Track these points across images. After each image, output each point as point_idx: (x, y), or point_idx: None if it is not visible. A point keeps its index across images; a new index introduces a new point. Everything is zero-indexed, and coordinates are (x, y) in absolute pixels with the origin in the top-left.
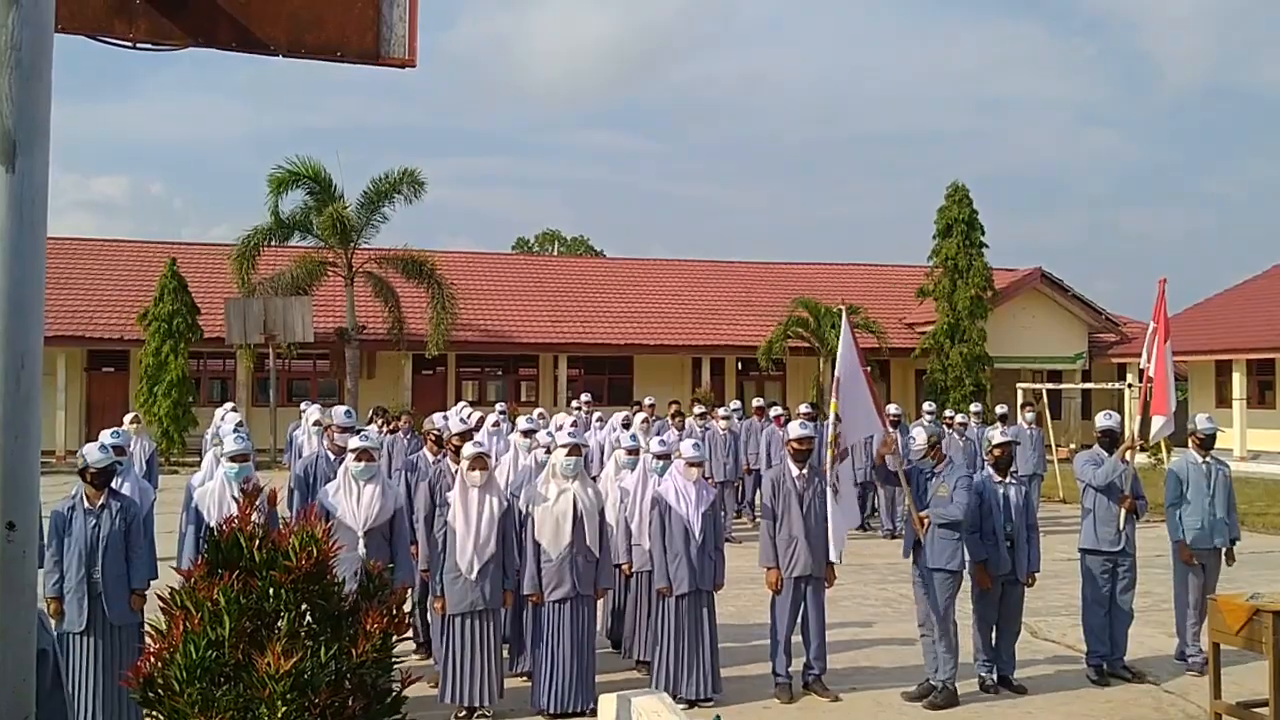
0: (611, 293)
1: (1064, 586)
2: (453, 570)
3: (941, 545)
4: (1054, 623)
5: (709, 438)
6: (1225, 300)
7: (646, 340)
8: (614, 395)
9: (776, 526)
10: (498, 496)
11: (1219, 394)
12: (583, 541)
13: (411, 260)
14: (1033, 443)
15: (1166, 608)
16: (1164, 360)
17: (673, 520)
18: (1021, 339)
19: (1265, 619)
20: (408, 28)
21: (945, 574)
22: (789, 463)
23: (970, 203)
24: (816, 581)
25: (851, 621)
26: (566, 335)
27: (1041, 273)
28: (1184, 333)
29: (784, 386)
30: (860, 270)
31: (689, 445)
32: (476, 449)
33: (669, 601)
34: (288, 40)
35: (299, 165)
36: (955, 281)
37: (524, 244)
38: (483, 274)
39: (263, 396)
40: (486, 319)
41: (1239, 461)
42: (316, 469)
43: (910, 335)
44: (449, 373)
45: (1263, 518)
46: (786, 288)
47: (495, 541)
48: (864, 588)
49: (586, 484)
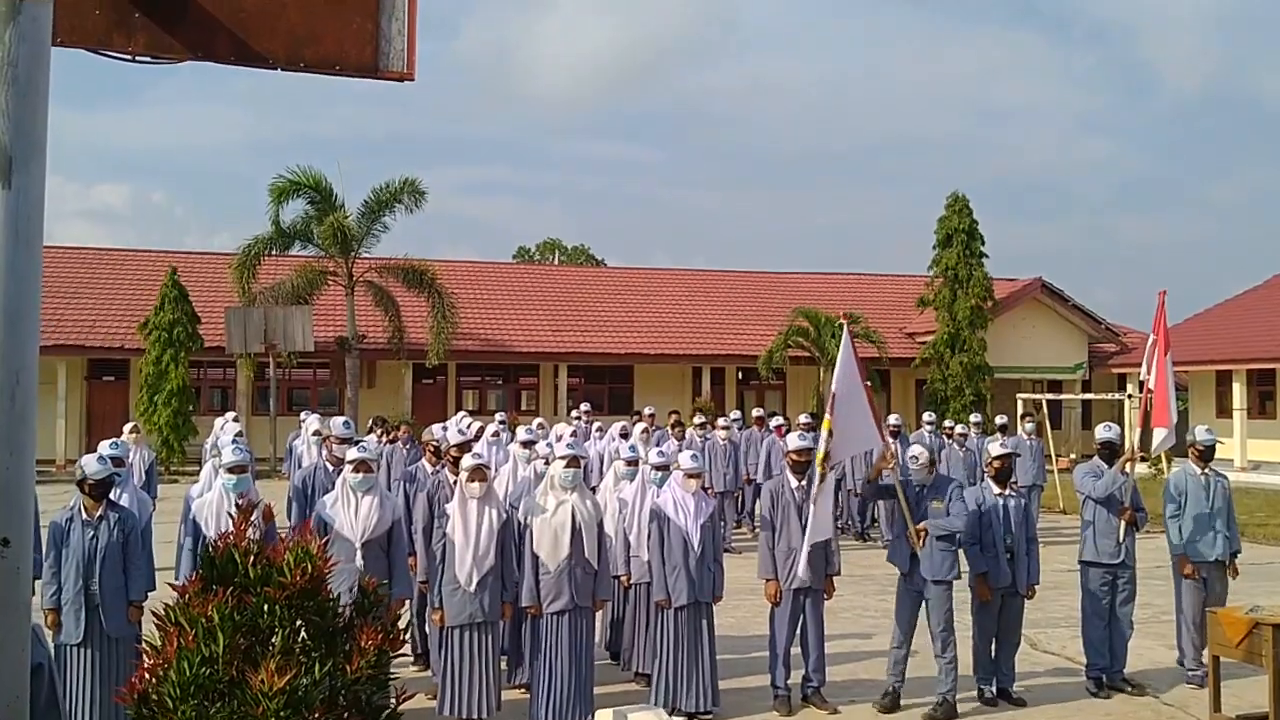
0: (612, 302)
1: (1064, 598)
2: (451, 582)
3: (940, 557)
4: (1054, 634)
5: (709, 448)
6: (1225, 310)
7: (647, 349)
8: (614, 405)
9: (775, 538)
10: (497, 508)
11: (1219, 404)
12: (581, 553)
13: (412, 270)
14: (1032, 453)
15: (1167, 619)
16: (1164, 372)
17: (671, 532)
18: (1022, 349)
19: (1265, 632)
20: (406, 41)
21: (944, 585)
22: (788, 474)
23: (970, 213)
24: (815, 593)
25: (851, 633)
26: (567, 344)
27: (1042, 283)
28: (1184, 343)
29: (784, 396)
30: (861, 280)
31: (687, 457)
32: (475, 460)
33: (668, 614)
34: (286, 54)
35: (300, 175)
36: (955, 291)
37: (525, 253)
38: (483, 283)
39: (263, 406)
40: (487, 328)
41: (1240, 472)
42: (315, 480)
43: (911, 345)
44: (449, 382)
45: (1264, 528)
46: (787, 297)
47: (494, 553)
48: (864, 599)
49: (585, 495)
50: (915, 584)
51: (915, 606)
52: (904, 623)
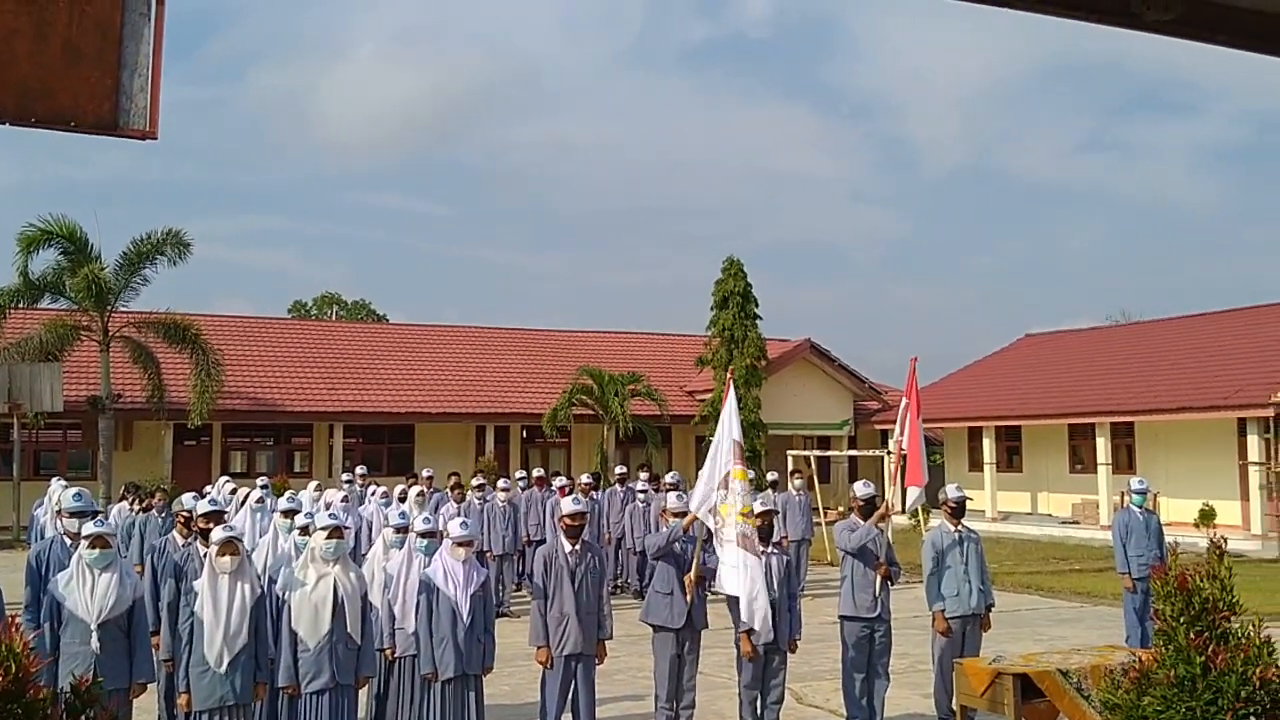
0: (393, 359)
1: (830, 650)
2: (200, 663)
3: (700, 610)
4: (818, 687)
5: (488, 509)
6: (977, 370)
7: (428, 408)
8: (394, 465)
9: (548, 604)
10: (250, 583)
11: (971, 458)
12: (343, 629)
13: (174, 324)
14: (802, 508)
15: (924, 669)
16: (916, 434)
17: (440, 602)
18: (793, 406)
19: (1006, 681)
20: (149, 98)
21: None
22: (561, 538)
23: (744, 276)
24: (587, 659)
25: (624, 695)
26: (343, 403)
27: (810, 343)
28: (941, 400)
29: (569, 455)
30: (646, 339)
31: (456, 525)
32: (226, 533)
33: (435, 687)
34: (15, 108)
35: (52, 224)
36: (731, 351)
37: (301, 308)
38: (255, 339)
39: (5, 470)
40: (256, 386)
41: (990, 522)
42: (50, 554)
43: (691, 403)
44: (214, 443)
45: (1011, 576)
46: (575, 355)
47: (247, 632)
48: (640, 659)
49: (349, 568)
50: (683, 639)
51: (679, 663)
52: (670, 680)
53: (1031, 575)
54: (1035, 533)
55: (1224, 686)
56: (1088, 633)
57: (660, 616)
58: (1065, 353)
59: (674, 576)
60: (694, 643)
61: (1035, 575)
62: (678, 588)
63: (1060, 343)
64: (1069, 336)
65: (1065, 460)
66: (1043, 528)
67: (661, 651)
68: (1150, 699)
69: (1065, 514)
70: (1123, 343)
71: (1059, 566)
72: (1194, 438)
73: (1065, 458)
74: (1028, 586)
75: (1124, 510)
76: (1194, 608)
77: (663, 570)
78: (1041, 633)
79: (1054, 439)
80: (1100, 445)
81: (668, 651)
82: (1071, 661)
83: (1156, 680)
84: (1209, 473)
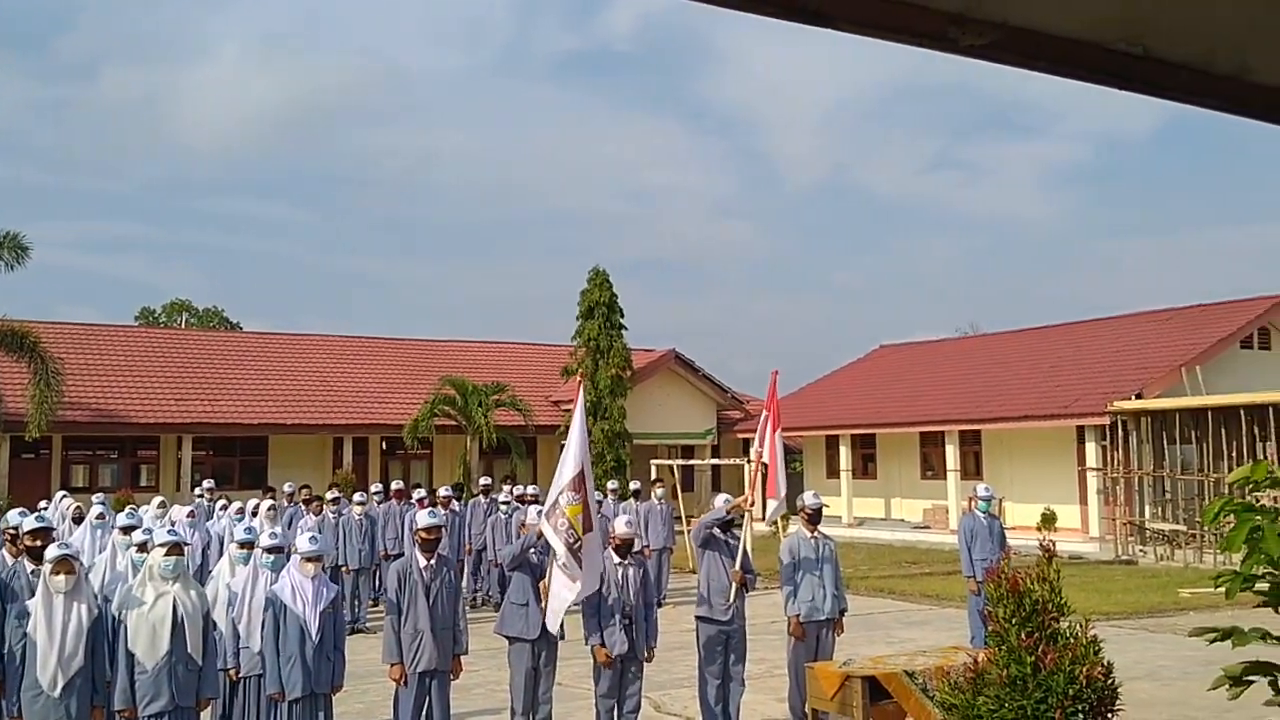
0: (246, 368)
1: (689, 658)
2: (33, 687)
3: None
4: (677, 695)
5: (343, 523)
6: (834, 380)
7: (283, 419)
8: (247, 478)
9: (402, 620)
10: (86, 603)
11: (829, 465)
12: (183, 649)
13: (11, 332)
14: (663, 517)
15: (779, 674)
16: (775, 447)
17: (288, 620)
18: (658, 416)
19: (855, 684)
20: None
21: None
22: (417, 552)
23: (610, 286)
24: (442, 675)
25: (482, 710)
26: (192, 414)
27: (675, 354)
28: (801, 409)
29: (431, 466)
30: (511, 349)
31: (305, 540)
32: (61, 551)
33: (281, 707)
34: None
35: None
36: (597, 361)
37: (149, 315)
38: (99, 347)
39: None
40: (100, 397)
41: (846, 528)
42: None
43: (557, 413)
44: (54, 456)
45: (865, 580)
46: (439, 365)
47: (83, 653)
48: (499, 671)
49: (189, 585)
50: (539, 650)
51: (535, 675)
52: (526, 693)
53: (884, 579)
54: (889, 537)
55: (1053, 685)
56: (936, 634)
57: (515, 628)
58: (917, 363)
59: (529, 587)
60: (550, 654)
61: (888, 579)
62: (533, 598)
63: (912, 354)
64: (920, 348)
65: (917, 467)
66: (895, 533)
67: (517, 664)
68: (984, 699)
69: (917, 519)
70: (971, 354)
71: (910, 570)
72: (1036, 445)
73: (917, 465)
74: (880, 590)
75: (969, 515)
76: (1025, 609)
77: (518, 581)
78: (893, 635)
79: (906, 447)
80: (950, 453)
81: (523, 664)
82: (917, 663)
83: (990, 680)
84: (1050, 478)
